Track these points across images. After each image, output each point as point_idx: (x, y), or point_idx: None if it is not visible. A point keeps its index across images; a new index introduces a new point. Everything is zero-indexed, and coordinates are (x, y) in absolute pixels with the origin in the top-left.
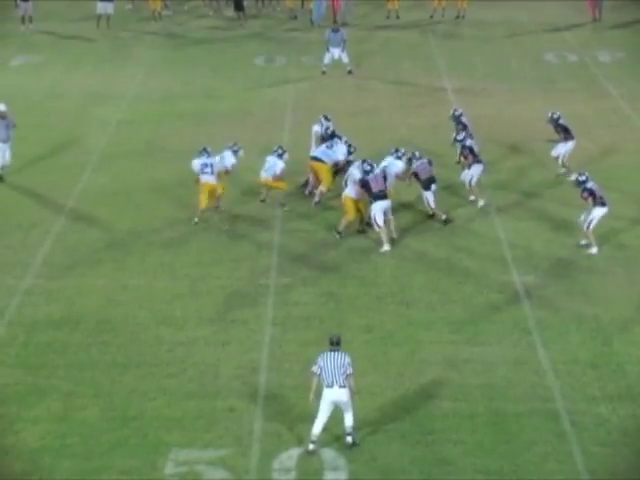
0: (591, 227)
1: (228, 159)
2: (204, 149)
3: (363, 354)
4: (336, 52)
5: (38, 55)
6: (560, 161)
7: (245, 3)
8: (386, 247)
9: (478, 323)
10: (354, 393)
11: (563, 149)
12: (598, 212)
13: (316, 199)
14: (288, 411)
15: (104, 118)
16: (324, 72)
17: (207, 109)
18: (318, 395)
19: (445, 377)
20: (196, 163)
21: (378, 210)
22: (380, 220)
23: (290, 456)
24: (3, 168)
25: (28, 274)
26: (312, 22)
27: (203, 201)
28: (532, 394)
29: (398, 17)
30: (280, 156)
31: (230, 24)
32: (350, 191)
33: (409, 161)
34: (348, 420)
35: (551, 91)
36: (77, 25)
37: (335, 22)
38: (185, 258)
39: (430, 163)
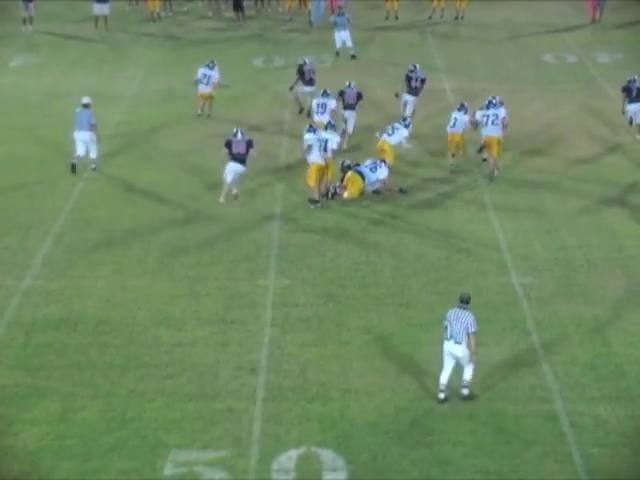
0: None
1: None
2: (212, 61)
3: (362, 355)
4: (343, 35)
5: (37, 56)
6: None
7: (244, 3)
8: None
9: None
10: (473, 352)
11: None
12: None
13: (334, 190)
14: (287, 412)
15: (103, 119)
16: (337, 54)
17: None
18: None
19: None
20: (200, 71)
21: None
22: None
23: (289, 457)
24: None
25: (27, 275)
26: (311, 23)
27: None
28: (531, 395)
29: (397, 18)
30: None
31: (229, 25)
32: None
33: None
34: (467, 374)
35: (550, 92)
36: (76, 26)
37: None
38: (184, 259)
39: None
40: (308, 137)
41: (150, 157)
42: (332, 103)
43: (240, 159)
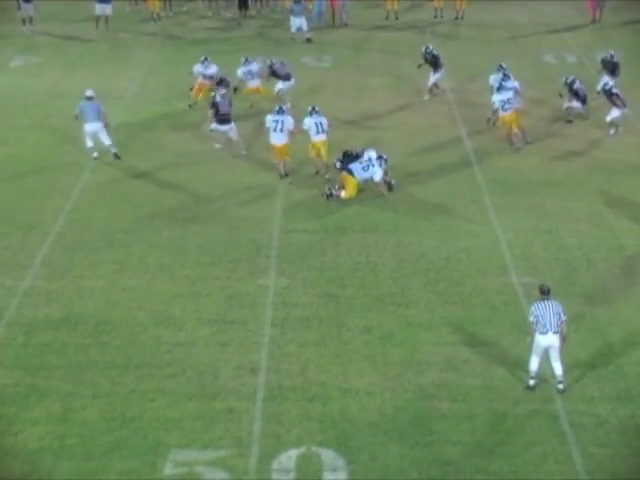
0: None
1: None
2: (205, 58)
3: (362, 355)
4: (298, 21)
5: (37, 56)
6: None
7: (249, 3)
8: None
9: (477, 324)
10: (565, 339)
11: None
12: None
13: (329, 192)
14: (287, 412)
15: None
16: (293, 39)
17: (205, 110)
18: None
19: (444, 378)
20: (196, 67)
21: None
22: None
23: (289, 457)
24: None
25: (27, 275)
26: (313, 21)
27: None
28: (531, 395)
29: (397, 18)
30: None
31: (229, 25)
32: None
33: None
34: (557, 368)
35: (550, 91)
36: (76, 26)
37: (334, 23)
38: (184, 259)
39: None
40: (306, 121)
41: (150, 157)
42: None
43: (227, 119)
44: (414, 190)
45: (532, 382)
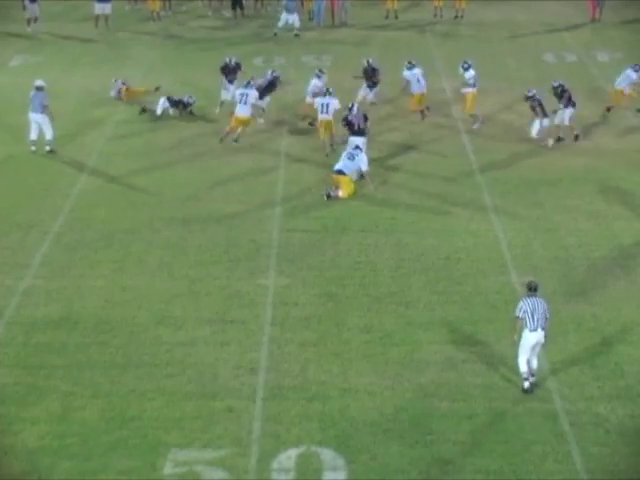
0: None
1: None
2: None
3: (362, 354)
4: (290, 18)
5: (37, 55)
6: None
7: (244, 2)
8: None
9: (477, 323)
10: (546, 337)
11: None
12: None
13: (327, 194)
14: (287, 411)
15: (103, 118)
16: (276, 34)
17: (206, 109)
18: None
19: (444, 377)
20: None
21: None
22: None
23: (289, 456)
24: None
25: (27, 274)
26: (312, 21)
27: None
28: (531, 394)
29: (397, 17)
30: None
31: (229, 24)
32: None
33: None
34: (534, 363)
35: (550, 91)
36: (76, 26)
37: (333, 22)
38: (184, 258)
39: None
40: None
41: (150, 156)
42: (335, 102)
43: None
44: (413, 189)
45: (527, 384)
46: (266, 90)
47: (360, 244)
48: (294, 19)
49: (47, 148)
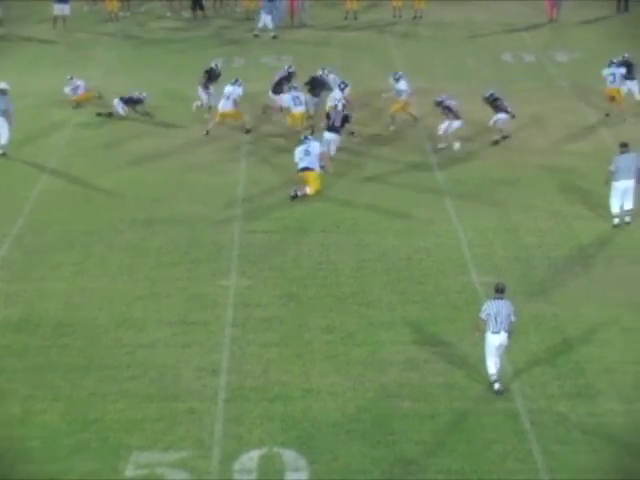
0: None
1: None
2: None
3: (324, 355)
4: (266, 19)
5: None
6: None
7: (204, 3)
8: None
9: (438, 323)
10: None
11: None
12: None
13: (294, 193)
14: (249, 412)
15: (62, 120)
16: (257, 36)
17: (166, 110)
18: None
19: (406, 377)
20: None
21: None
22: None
23: (251, 457)
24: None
25: None
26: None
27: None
28: (492, 393)
29: (356, 18)
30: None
31: (188, 25)
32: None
33: None
34: (497, 365)
35: (509, 91)
36: (34, 27)
37: (292, 22)
38: (145, 260)
39: None
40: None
41: (111, 158)
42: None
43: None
44: (375, 190)
45: (497, 385)
46: (279, 85)
47: (321, 245)
48: (268, 20)
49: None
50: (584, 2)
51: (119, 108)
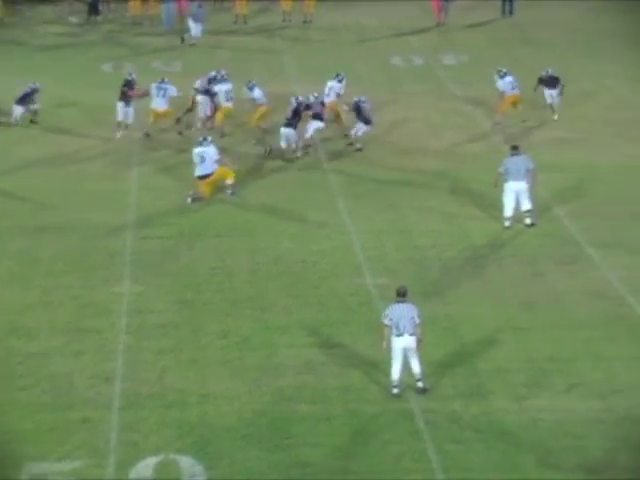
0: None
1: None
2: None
3: (219, 360)
4: (194, 27)
5: None
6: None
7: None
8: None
9: (333, 326)
10: (420, 341)
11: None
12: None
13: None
14: (144, 420)
15: None
16: (183, 40)
17: (55, 117)
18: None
19: (302, 380)
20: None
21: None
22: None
23: (147, 465)
24: None
25: None
26: (164, 26)
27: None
28: (387, 394)
29: (246, 22)
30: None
31: (76, 30)
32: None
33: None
34: (415, 367)
35: (398, 94)
36: None
37: (182, 27)
38: (36, 268)
39: None
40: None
41: (1, 163)
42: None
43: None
44: (268, 194)
45: (396, 390)
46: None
47: (216, 249)
48: (197, 30)
49: None
50: (470, 6)
51: (17, 112)
